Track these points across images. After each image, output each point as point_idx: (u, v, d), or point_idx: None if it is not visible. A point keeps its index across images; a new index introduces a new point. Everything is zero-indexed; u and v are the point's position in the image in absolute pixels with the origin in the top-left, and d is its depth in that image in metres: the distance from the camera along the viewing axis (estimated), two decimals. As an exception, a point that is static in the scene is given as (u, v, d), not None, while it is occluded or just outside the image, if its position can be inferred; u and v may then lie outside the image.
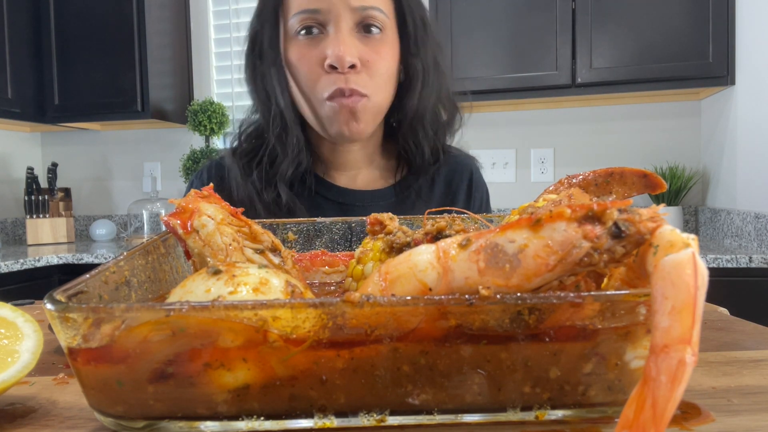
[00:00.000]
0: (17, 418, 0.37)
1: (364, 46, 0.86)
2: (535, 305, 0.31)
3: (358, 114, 0.86)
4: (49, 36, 2.69)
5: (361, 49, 0.85)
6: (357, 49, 0.85)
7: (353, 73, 0.84)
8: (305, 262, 0.67)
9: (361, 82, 0.85)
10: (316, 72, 0.86)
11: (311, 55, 0.86)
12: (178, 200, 0.49)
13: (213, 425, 0.34)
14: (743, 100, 2.16)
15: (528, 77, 2.32)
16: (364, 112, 0.87)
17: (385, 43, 0.88)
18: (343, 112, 0.86)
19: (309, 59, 0.86)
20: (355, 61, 0.84)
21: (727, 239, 2.25)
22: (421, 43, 0.91)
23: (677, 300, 0.28)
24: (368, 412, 0.34)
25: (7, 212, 3.01)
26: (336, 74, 0.84)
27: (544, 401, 0.34)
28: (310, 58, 0.86)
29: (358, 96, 0.85)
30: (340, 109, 0.86)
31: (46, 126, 2.97)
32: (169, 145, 3.06)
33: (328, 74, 0.85)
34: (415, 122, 0.94)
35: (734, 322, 0.57)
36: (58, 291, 0.34)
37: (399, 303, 0.31)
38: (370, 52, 0.86)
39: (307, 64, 0.86)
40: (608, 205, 0.32)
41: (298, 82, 0.89)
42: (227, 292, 0.35)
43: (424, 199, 0.98)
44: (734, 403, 0.37)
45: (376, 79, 0.87)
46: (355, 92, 0.85)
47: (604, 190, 0.56)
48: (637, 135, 2.59)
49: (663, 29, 2.21)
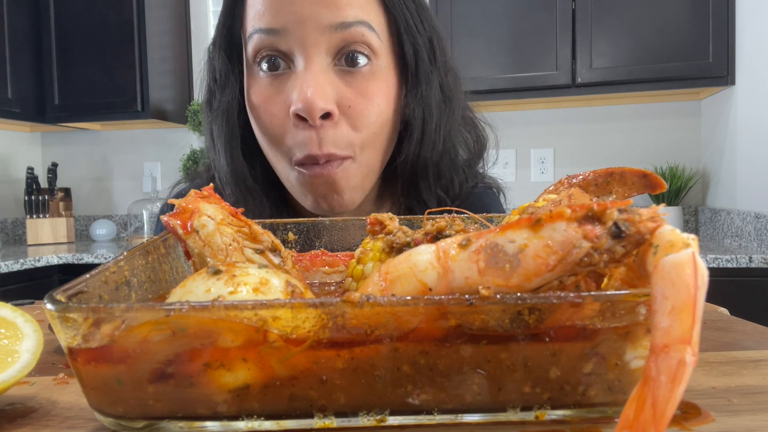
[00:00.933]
0: (17, 418, 0.37)
1: (345, 86, 0.63)
2: (535, 305, 0.31)
3: (338, 184, 0.64)
4: (49, 36, 2.69)
5: (341, 90, 0.62)
6: (334, 90, 0.61)
7: (329, 125, 0.61)
8: (305, 262, 0.67)
9: (340, 140, 0.62)
10: (281, 124, 0.63)
11: (275, 99, 0.64)
12: (178, 201, 0.49)
13: (213, 425, 0.34)
14: (743, 100, 2.16)
15: (528, 77, 2.32)
16: (347, 180, 0.64)
17: (376, 78, 0.64)
18: (318, 183, 0.64)
19: (271, 105, 0.64)
20: (331, 107, 0.60)
21: (727, 239, 2.25)
22: (423, 77, 0.67)
23: (677, 300, 0.28)
24: (368, 412, 0.34)
25: (7, 212, 3.01)
26: (306, 128, 0.61)
27: (544, 401, 0.34)
28: (273, 104, 0.64)
29: (337, 161, 0.63)
30: (313, 180, 0.64)
31: (46, 126, 2.97)
32: (169, 145, 3.06)
33: (296, 129, 0.62)
34: (415, 178, 0.72)
35: (734, 322, 0.57)
36: (58, 291, 0.34)
37: (399, 303, 0.31)
38: (353, 93, 0.63)
39: (269, 112, 0.64)
40: (608, 205, 0.32)
41: (261, 136, 0.67)
42: (227, 292, 0.35)
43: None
44: (734, 403, 0.37)
45: (363, 130, 0.64)
46: (333, 156, 0.62)
47: (604, 190, 0.56)
48: (637, 135, 2.60)
49: (663, 29, 2.21)
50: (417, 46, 0.67)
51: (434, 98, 0.69)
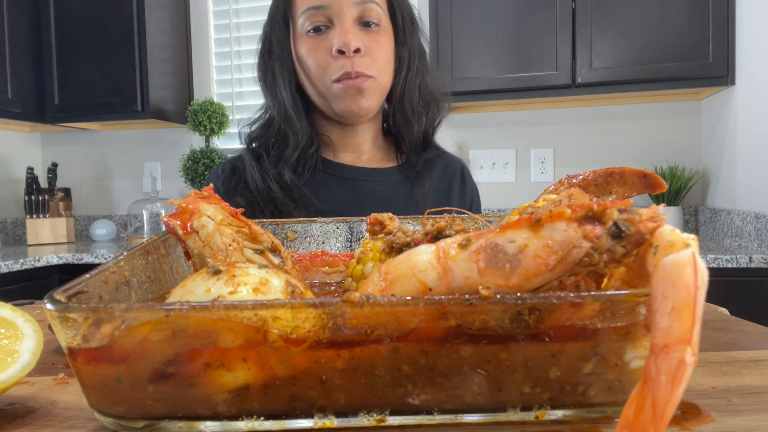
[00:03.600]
0: (17, 418, 0.37)
1: (365, 36, 0.98)
2: (535, 305, 0.31)
3: (364, 92, 0.99)
4: (49, 36, 2.69)
5: (364, 38, 0.98)
6: (360, 38, 0.97)
7: (358, 56, 0.96)
8: (305, 262, 0.67)
9: (366, 65, 0.97)
10: (326, 59, 0.97)
11: (320, 45, 0.98)
12: (178, 201, 0.49)
13: (213, 425, 0.34)
14: (743, 100, 2.16)
15: (528, 77, 2.32)
16: (369, 91, 0.99)
17: (383, 34, 1.01)
18: (351, 91, 0.98)
19: (318, 50, 0.98)
20: (360, 45, 0.96)
21: (727, 239, 2.25)
22: (408, 34, 1.05)
23: (677, 300, 0.28)
24: (368, 412, 0.34)
25: (7, 212, 3.01)
26: (343, 59, 0.96)
27: (544, 401, 0.34)
28: (319, 49, 0.98)
29: (363, 77, 0.97)
30: (348, 89, 0.98)
31: (46, 126, 2.97)
32: (169, 145, 3.06)
33: (336, 59, 0.96)
34: (403, 99, 1.07)
35: (734, 322, 0.57)
36: (58, 291, 0.34)
37: (399, 303, 0.31)
38: (370, 41, 0.98)
39: (317, 54, 0.98)
40: (608, 205, 0.32)
41: (307, 72, 1.01)
42: (227, 292, 0.35)
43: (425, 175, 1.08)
44: (734, 403, 0.37)
45: (378, 62, 0.99)
46: (361, 74, 0.97)
47: (604, 190, 0.56)
48: (637, 135, 2.59)
49: (663, 29, 2.21)
50: (403, 14, 1.05)
51: (415, 47, 1.07)
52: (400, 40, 1.05)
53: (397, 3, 1.04)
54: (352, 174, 1.06)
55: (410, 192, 1.06)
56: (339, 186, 1.05)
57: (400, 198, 1.05)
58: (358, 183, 1.06)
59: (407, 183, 1.07)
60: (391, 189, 1.06)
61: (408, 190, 1.06)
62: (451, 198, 1.11)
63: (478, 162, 2.69)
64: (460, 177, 1.15)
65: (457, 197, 1.13)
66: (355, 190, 1.05)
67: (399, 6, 1.05)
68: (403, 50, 1.05)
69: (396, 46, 1.05)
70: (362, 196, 1.04)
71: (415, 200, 1.05)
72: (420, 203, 1.04)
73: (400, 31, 1.04)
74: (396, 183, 1.07)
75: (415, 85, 1.07)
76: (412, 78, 1.06)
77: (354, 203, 1.04)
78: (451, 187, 1.13)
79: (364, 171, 1.08)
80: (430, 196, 1.07)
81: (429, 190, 1.07)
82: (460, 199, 1.13)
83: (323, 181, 1.05)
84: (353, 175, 1.06)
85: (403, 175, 1.08)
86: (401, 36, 1.05)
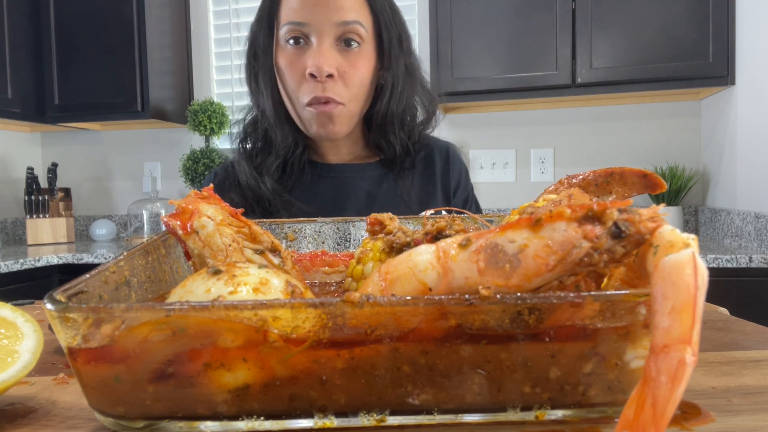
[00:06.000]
0: (17, 418, 0.37)
1: (342, 59, 0.95)
2: (535, 305, 0.31)
3: (334, 119, 0.97)
4: (49, 36, 2.69)
5: (340, 61, 0.94)
6: (336, 61, 0.94)
7: (330, 82, 0.94)
8: (305, 262, 0.67)
9: (337, 91, 0.95)
10: (299, 79, 0.96)
11: (296, 63, 0.96)
12: (178, 201, 0.49)
13: (213, 425, 0.34)
14: (743, 100, 2.16)
15: (528, 77, 2.32)
16: (339, 117, 0.97)
17: (362, 56, 0.97)
18: (322, 117, 0.96)
19: (294, 67, 0.96)
20: (333, 71, 0.93)
21: (727, 239, 2.25)
22: (393, 58, 1.01)
23: (677, 300, 0.28)
24: (368, 412, 0.34)
25: (7, 212, 3.00)
26: (315, 82, 0.94)
27: (544, 401, 0.34)
28: (294, 66, 0.96)
29: (334, 103, 0.95)
30: (318, 114, 0.96)
31: (46, 126, 2.97)
32: (169, 145, 3.06)
33: (308, 82, 0.94)
34: (384, 125, 1.05)
35: (734, 322, 0.57)
36: (58, 291, 0.34)
37: (399, 303, 0.31)
38: (347, 64, 0.95)
39: (292, 72, 0.96)
40: (608, 205, 0.32)
41: (285, 86, 0.99)
42: (227, 292, 0.35)
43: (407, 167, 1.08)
44: (734, 403, 0.37)
45: (351, 89, 0.96)
46: (331, 100, 0.95)
47: (604, 190, 0.56)
48: (637, 135, 2.59)
49: (663, 29, 2.21)
50: (391, 37, 1.00)
51: (400, 72, 1.03)
52: (384, 64, 1.01)
53: (385, 26, 0.99)
54: (335, 172, 1.07)
55: (394, 185, 1.06)
56: (323, 184, 1.05)
57: (384, 191, 1.06)
58: (341, 179, 1.06)
59: (391, 176, 1.07)
60: (375, 183, 1.06)
61: (391, 183, 1.06)
62: (435, 184, 1.10)
63: (478, 162, 2.69)
64: (443, 159, 1.12)
65: (441, 181, 1.10)
66: (339, 186, 1.05)
67: (387, 29, 0.99)
68: (387, 75, 1.01)
69: (380, 69, 1.01)
70: (347, 191, 1.05)
71: (399, 192, 1.05)
72: (404, 195, 1.04)
73: (385, 55, 1.00)
74: (380, 177, 1.07)
75: (397, 111, 1.04)
76: (395, 103, 1.03)
77: (339, 199, 1.04)
78: (433, 173, 1.10)
79: (348, 167, 1.08)
80: (414, 187, 1.07)
81: (413, 182, 1.07)
82: (444, 181, 1.10)
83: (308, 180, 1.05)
84: (336, 172, 1.07)
85: (386, 169, 1.08)
86: (386, 60, 1.00)
